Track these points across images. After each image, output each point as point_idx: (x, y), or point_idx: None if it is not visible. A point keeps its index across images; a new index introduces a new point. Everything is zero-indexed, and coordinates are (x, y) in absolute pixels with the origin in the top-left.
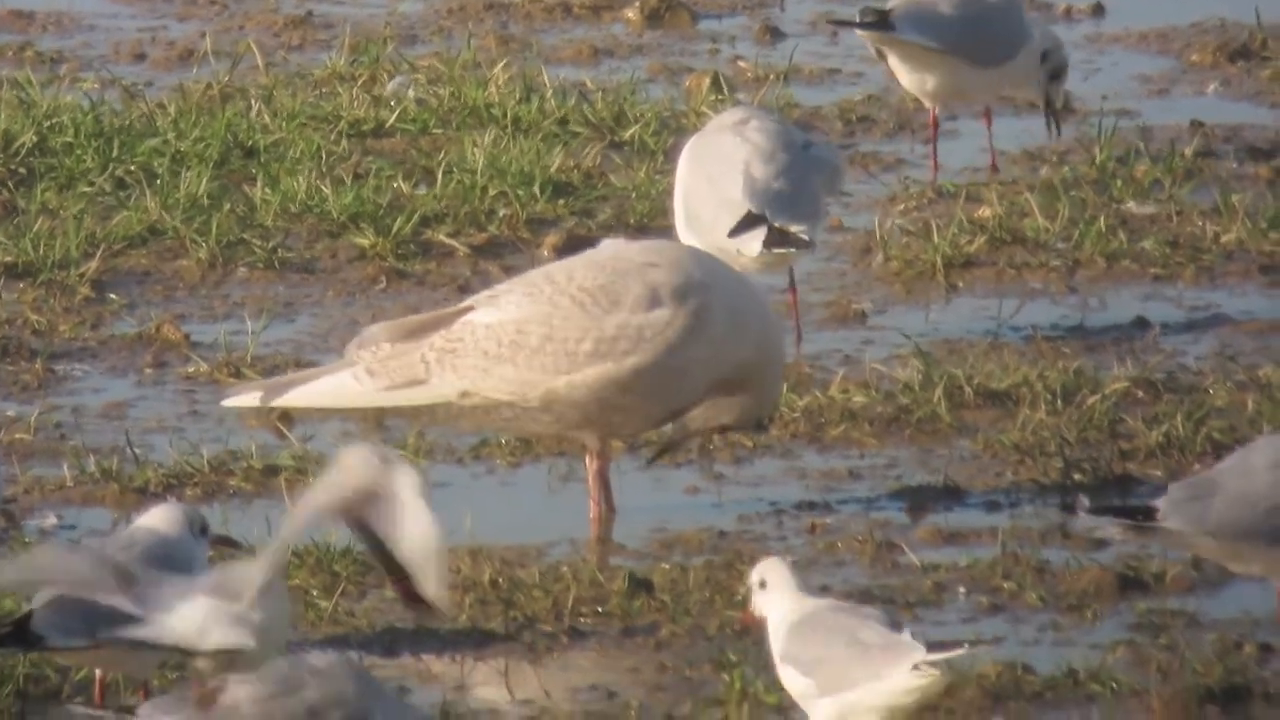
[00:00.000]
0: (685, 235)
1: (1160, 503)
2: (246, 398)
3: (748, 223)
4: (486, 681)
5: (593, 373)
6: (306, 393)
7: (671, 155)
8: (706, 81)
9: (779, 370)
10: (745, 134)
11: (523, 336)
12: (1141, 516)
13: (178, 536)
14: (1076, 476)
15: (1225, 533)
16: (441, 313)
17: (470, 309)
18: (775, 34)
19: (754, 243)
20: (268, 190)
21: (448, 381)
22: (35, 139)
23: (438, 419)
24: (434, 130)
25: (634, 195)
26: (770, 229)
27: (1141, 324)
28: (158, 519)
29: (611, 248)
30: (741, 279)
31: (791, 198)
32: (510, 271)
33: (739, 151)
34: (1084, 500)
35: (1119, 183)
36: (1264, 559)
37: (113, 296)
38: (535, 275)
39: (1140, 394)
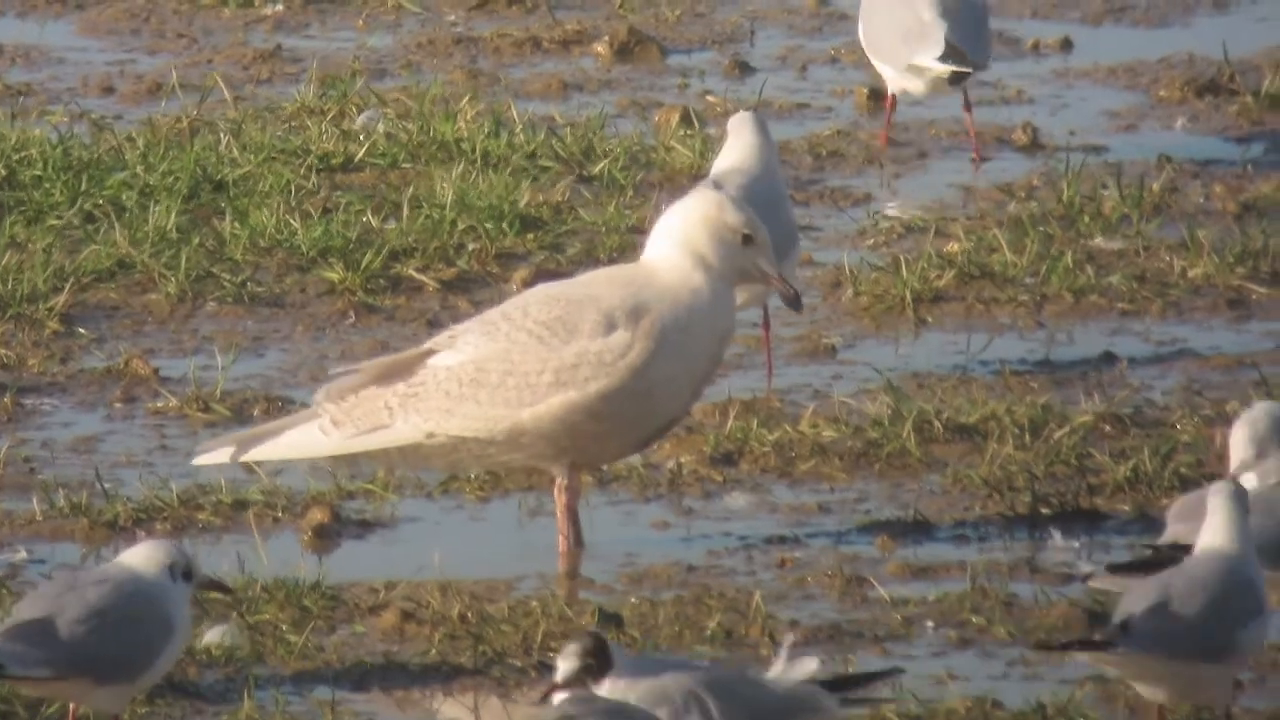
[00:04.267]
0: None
1: None
2: (217, 455)
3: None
4: (456, 716)
5: (556, 402)
6: (275, 447)
7: (640, 190)
8: (676, 116)
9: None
10: None
11: (483, 374)
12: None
13: (153, 576)
14: (1044, 511)
15: None
16: (403, 357)
17: (431, 352)
18: (744, 69)
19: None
20: (237, 224)
21: (412, 424)
22: (3, 172)
23: (407, 460)
24: (403, 164)
25: (603, 229)
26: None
27: (1109, 359)
28: (137, 557)
29: (550, 287)
30: (681, 295)
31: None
32: (479, 306)
33: None
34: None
35: (1086, 218)
36: None
37: (81, 331)
38: (492, 314)
39: (1108, 428)
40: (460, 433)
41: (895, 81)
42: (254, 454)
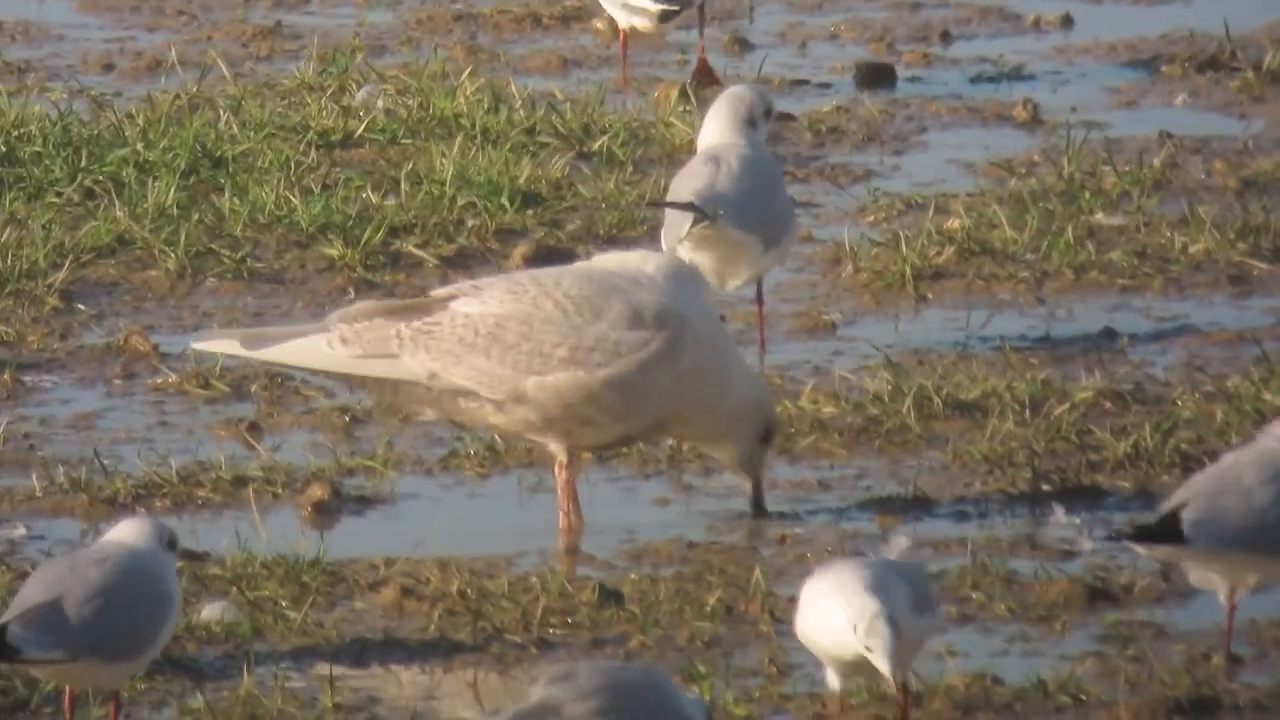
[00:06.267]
0: None
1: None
2: (222, 344)
3: None
4: (455, 693)
5: (564, 377)
6: (281, 351)
7: (640, 166)
8: (675, 92)
9: (736, 422)
10: None
11: (500, 331)
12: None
13: (148, 550)
14: (1045, 487)
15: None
16: (423, 300)
17: (453, 297)
18: (744, 45)
19: None
20: (236, 200)
21: (419, 360)
22: (3, 149)
23: (401, 398)
24: (403, 140)
25: (603, 206)
26: None
27: (1110, 335)
28: (128, 533)
29: (604, 260)
30: (717, 322)
31: None
32: None
33: None
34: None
35: (1087, 194)
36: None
37: (81, 307)
38: (522, 276)
39: (1108, 405)
40: (463, 382)
41: (623, 19)
42: (260, 354)
